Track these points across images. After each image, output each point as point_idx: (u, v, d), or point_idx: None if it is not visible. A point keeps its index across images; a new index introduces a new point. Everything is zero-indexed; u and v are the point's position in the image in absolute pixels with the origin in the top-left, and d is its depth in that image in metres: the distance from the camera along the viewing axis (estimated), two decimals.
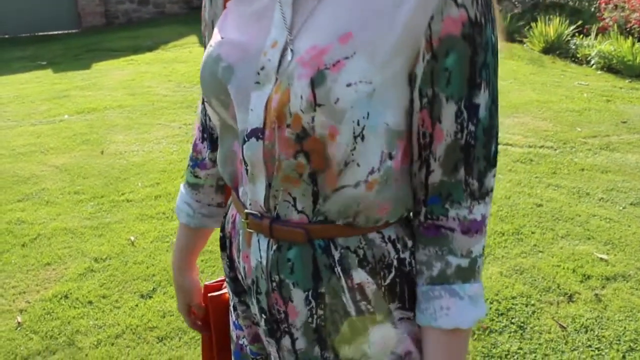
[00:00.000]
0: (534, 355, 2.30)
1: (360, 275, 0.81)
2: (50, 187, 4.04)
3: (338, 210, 0.79)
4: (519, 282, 2.76)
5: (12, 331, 2.54)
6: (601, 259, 2.94)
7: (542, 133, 4.79)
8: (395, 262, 0.83)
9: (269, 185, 0.81)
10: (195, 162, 1.08)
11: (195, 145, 1.09)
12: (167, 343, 2.43)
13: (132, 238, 3.29)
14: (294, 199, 0.80)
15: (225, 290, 1.15)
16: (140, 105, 5.98)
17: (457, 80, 0.74)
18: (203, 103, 1.03)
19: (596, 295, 2.66)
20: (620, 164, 4.17)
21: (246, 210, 0.85)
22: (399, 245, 0.84)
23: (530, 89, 6.10)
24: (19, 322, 2.60)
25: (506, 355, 2.30)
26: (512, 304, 2.60)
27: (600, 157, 4.30)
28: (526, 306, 2.59)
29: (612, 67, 6.79)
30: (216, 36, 0.86)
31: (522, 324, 2.48)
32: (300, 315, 0.84)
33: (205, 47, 1.07)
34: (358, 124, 0.72)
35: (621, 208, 3.50)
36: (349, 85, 0.71)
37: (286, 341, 0.87)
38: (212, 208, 1.10)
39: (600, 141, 4.61)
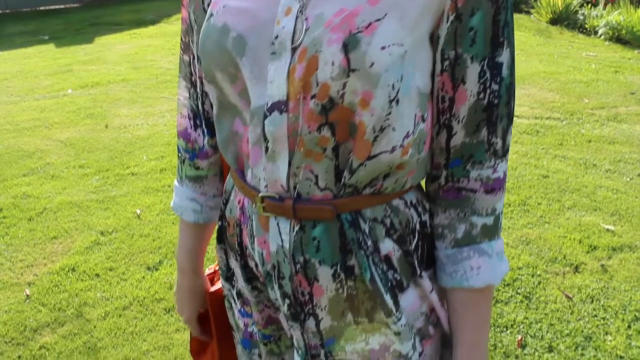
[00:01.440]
0: (539, 325, 2.30)
1: (387, 245, 0.81)
2: (55, 162, 4.04)
3: (370, 178, 0.77)
4: (525, 252, 2.76)
5: (20, 303, 2.57)
6: (607, 229, 2.93)
7: (549, 104, 4.74)
8: (418, 226, 0.83)
9: (290, 163, 0.77)
10: (194, 153, 0.99)
11: (187, 135, 0.99)
12: (174, 314, 2.45)
13: (138, 211, 3.30)
14: (316, 176, 0.77)
15: (219, 283, 1.08)
16: (144, 79, 5.95)
17: (482, 40, 0.74)
18: (193, 87, 0.96)
19: (602, 265, 2.66)
20: (627, 135, 4.14)
21: (261, 194, 0.81)
22: (419, 209, 0.84)
23: (537, 60, 6.03)
24: (27, 295, 2.62)
25: (512, 324, 2.31)
26: (519, 275, 2.60)
27: (608, 128, 4.26)
28: (532, 277, 2.59)
29: (621, 37, 6.70)
30: (216, 4, 0.80)
31: (528, 294, 2.48)
32: (327, 291, 0.82)
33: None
34: (393, 88, 0.71)
35: (628, 179, 3.48)
36: (383, 48, 0.69)
37: (311, 323, 0.85)
38: (218, 199, 1.03)
39: (608, 112, 4.57)
